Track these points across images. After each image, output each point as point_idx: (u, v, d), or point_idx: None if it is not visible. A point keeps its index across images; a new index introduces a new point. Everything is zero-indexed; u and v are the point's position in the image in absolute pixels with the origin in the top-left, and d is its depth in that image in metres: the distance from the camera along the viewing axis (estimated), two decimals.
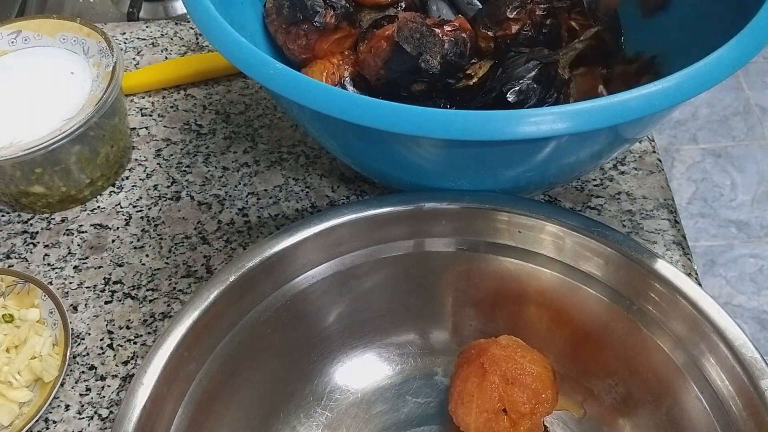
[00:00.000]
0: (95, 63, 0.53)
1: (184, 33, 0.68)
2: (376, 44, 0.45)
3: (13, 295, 0.48)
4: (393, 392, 0.45)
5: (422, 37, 0.44)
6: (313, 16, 0.47)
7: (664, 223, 0.52)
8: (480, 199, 0.42)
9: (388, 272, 0.44)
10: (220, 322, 0.39)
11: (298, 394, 0.44)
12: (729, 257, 1.41)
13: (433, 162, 0.42)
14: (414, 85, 0.46)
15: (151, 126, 0.60)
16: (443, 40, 0.44)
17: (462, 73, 0.47)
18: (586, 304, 0.42)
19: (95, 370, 0.46)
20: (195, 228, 0.53)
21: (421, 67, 0.44)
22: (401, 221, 0.42)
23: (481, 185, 0.43)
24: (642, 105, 0.34)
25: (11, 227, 0.54)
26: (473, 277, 0.44)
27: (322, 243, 0.42)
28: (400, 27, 0.44)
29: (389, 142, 0.39)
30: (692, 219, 1.47)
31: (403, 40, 0.44)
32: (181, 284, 0.50)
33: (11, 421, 0.43)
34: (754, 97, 1.69)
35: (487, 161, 0.41)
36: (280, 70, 0.37)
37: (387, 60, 0.45)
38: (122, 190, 0.56)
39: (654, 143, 0.57)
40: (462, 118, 0.35)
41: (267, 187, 0.55)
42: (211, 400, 0.39)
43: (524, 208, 0.42)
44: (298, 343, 0.44)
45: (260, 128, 0.59)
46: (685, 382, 0.38)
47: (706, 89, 0.35)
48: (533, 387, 0.39)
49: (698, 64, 0.35)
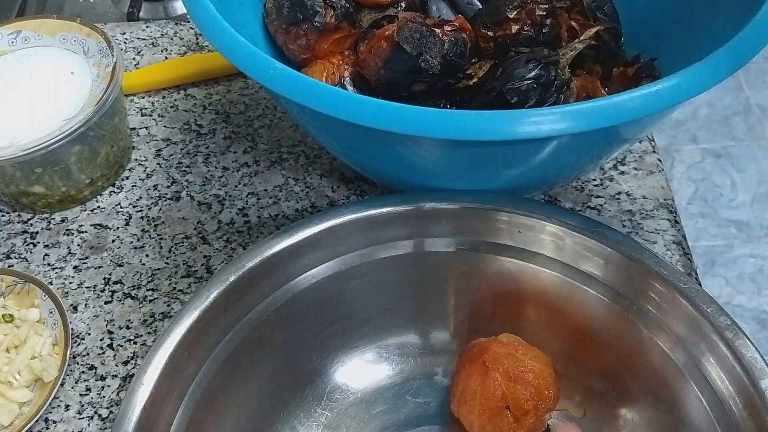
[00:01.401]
0: (95, 63, 0.53)
1: (184, 33, 0.68)
2: (376, 44, 0.45)
3: (13, 295, 0.48)
4: (393, 392, 0.45)
5: (422, 37, 0.44)
6: (313, 16, 0.47)
7: (664, 223, 0.52)
8: (480, 199, 0.42)
9: (388, 272, 0.44)
10: (220, 322, 0.39)
11: (298, 394, 0.44)
12: (729, 257, 1.41)
13: (433, 162, 0.42)
14: (414, 85, 0.46)
15: (151, 126, 0.60)
16: (443, 40, 0.44)
17: (462, 73, 0.47)
18: (586, 304, 0.42)
19: (95, 370, 0.46)
20: (195, 228, 0.53)
21: (421, 67, 0.44)
22: (401, 221, 0.42)
23: (481, 185, 0.43)
24: (642, 105, 0.34)
25: (11, 227, 0.54)
26: (473, 277, 0.44)
27: (322, 243, 0.42)
28: (400, 27, 0.44)
29: (389, 142, 0.39)
30: (692, 219, 1.47)
31: (403, 40, 0.44)
32: (181, 284, 0.50)
33: (11, 421, 0.43)
34: (754, 97, 1.69)
35: (486, 161, 0.41)
36: (280, 70, 0.37)
37: (387, 60, 0.45)
38: (122, 190, 0.56)
39: (654, 143, 0.57)
40: (462, 118, 0.35)
41: (267, 187, 0.55)
42: (211, 400, 0.39)
43: (524, 208, 0.42)
44: (298, 343, 0.44)
45: (260, 128, 0.59)
46: (685, 382, 0.38)
47: (706, 89, 0.35)
48: (535, 384, 0.39)
49: (698, 64, 0.35)
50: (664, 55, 0.48)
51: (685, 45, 0.48)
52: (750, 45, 0.37)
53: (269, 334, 0.42)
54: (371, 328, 0.46)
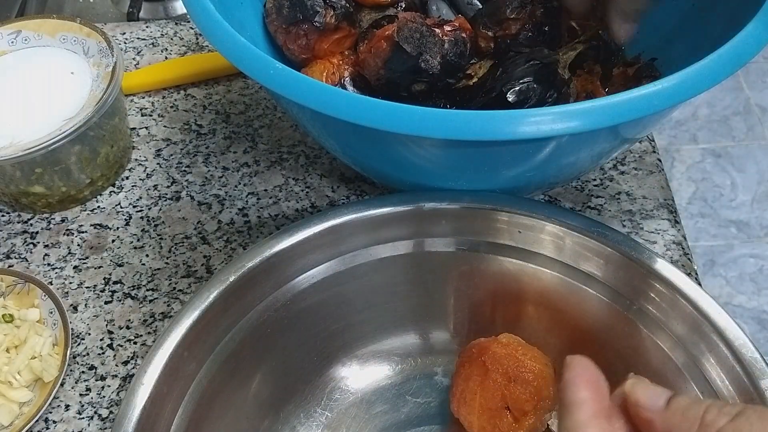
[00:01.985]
0: (95, 63, 0.53)
1: (184, 33, 0.68)
2: (376, 44, 0.45)
3: (13, 295, 0.48)
4: (393, 392, 0.45)
5: (422, 38, 0.44)
6: (313, 16, 0.47)
7: (664, 223, 0.52)
8: (480, 199, 0.42)
9: (388, 272, 0.44)
10: (220, 322, 0.39)
11: (298, 394, 0.44)
12: (729, 257, 1.41)
13: (433, 162, 0.42)
14: (414, 85, 0.46)
15: (151, 126, 0.60)
16: (443, 40, 0.44)
17: (462, 73, 0.47)
18: (586, 304, 0.42)
19: (95, 370, 0.46)
20: (195, 228, 0.53)
21: (421, 67, 0.44)
22: (401, 221, 0.42)
23: (481, 185, 0.43)
24: (642, 105, 0.34)
25: (11, 227, 0.54)
26: (473, 277, 0.44)
27: (322, 243, 0.42)
28: (400, 27, 0.44)
29: (389, 142, 0.39)
30: (692, 219, 1.47)
31: (403, 40, 0.44)
32: (181, 284, 0.50)
33: (11, 421, 0.43)
34: (754, 97, 1.69)
35: (486, 161, 0.41)
36: (280, 70, 0.37)
37: (387, 60, 0.45)
38: (122, 190, 0.56)
39: (654, 143, 0.57)
40: (462, 118, 0.35)
41: (267, 187, 0.55)
42: (211, 400, 0.39)
43: (524, 208, 0.42)
44: (298, 343, 0.44)
45: (260, 128, 0.59)
46: (685, 382, 0.38)
47: (706, 89, 0.35)
48: (535, 384, 0.39)
49: (698, 64, 0.35)
50: (664, 55, 0.49)
51: (685, 45, 0.48)
52: (750, 45, 0.37)
53: (269, 334, 0.42)
54: (371, 328, 0.46)
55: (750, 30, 0.37)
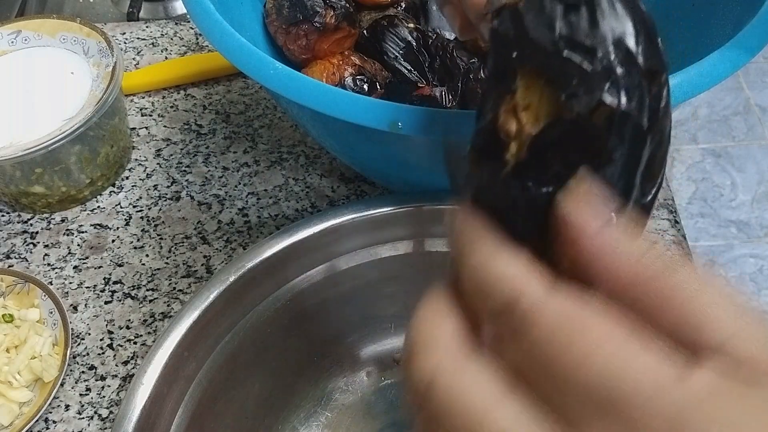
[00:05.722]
0: (95, 63, 0.53)
1: (184, 33, 0.68)
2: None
3: (13, 295, 0.48)
4: (393, 392, 0.45)
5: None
6: (313, 17, 0.47)
7: (664, 223, 0.52)
8: None
9: (388, 272, 0.44)
10: (220, 322, 0.39)
11: (298, 394, 0.44)
12: (729, 257, 1.41)
13: (433, 162, 0.42)
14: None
15: (151, 126, 0.60)
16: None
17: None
18: None
19: (95, 370, 0.46)
20: (195, 228, 0.53)
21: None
22: (401, 221, 0.42)
23: None
24: None
25: (11, 227, 0.54)
26: None
27: (323, 243, 0.42)
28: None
29: (389, 142, 0.39)
30: (692, 219, 1.47)
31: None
32: (181, 284, 0.50)
33: (11, 421, 0.43)
34: (754, 97, 1.69)
35: None
36: (280, 70, 0.37)
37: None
38: (122, 190, 0.56)
39: None
40: (462, 118, 0.35)
41: (267, 187, 0.55)
42: (211, 400, 0.39)
43: None
44: (298, 343, 0.44)
45: (260, 128, 0.59)
46: None
47: (706, 89, 0.35)
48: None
49: (698, 64, 0.35)
50: None
51: (685, 45, 0.48)
52: (750, 45, 0.37)
53: (269, 334, 0.42)
54: (371, 328, 0.46)
55: (750, 30, 0.37)
